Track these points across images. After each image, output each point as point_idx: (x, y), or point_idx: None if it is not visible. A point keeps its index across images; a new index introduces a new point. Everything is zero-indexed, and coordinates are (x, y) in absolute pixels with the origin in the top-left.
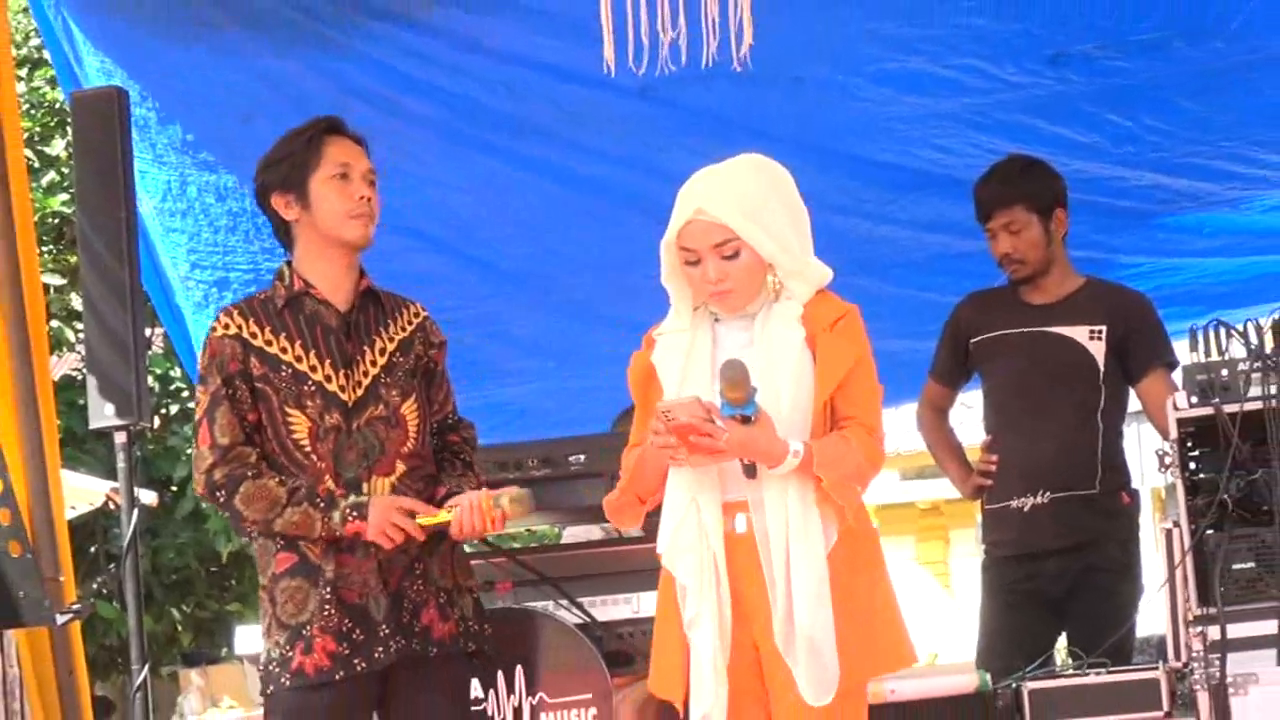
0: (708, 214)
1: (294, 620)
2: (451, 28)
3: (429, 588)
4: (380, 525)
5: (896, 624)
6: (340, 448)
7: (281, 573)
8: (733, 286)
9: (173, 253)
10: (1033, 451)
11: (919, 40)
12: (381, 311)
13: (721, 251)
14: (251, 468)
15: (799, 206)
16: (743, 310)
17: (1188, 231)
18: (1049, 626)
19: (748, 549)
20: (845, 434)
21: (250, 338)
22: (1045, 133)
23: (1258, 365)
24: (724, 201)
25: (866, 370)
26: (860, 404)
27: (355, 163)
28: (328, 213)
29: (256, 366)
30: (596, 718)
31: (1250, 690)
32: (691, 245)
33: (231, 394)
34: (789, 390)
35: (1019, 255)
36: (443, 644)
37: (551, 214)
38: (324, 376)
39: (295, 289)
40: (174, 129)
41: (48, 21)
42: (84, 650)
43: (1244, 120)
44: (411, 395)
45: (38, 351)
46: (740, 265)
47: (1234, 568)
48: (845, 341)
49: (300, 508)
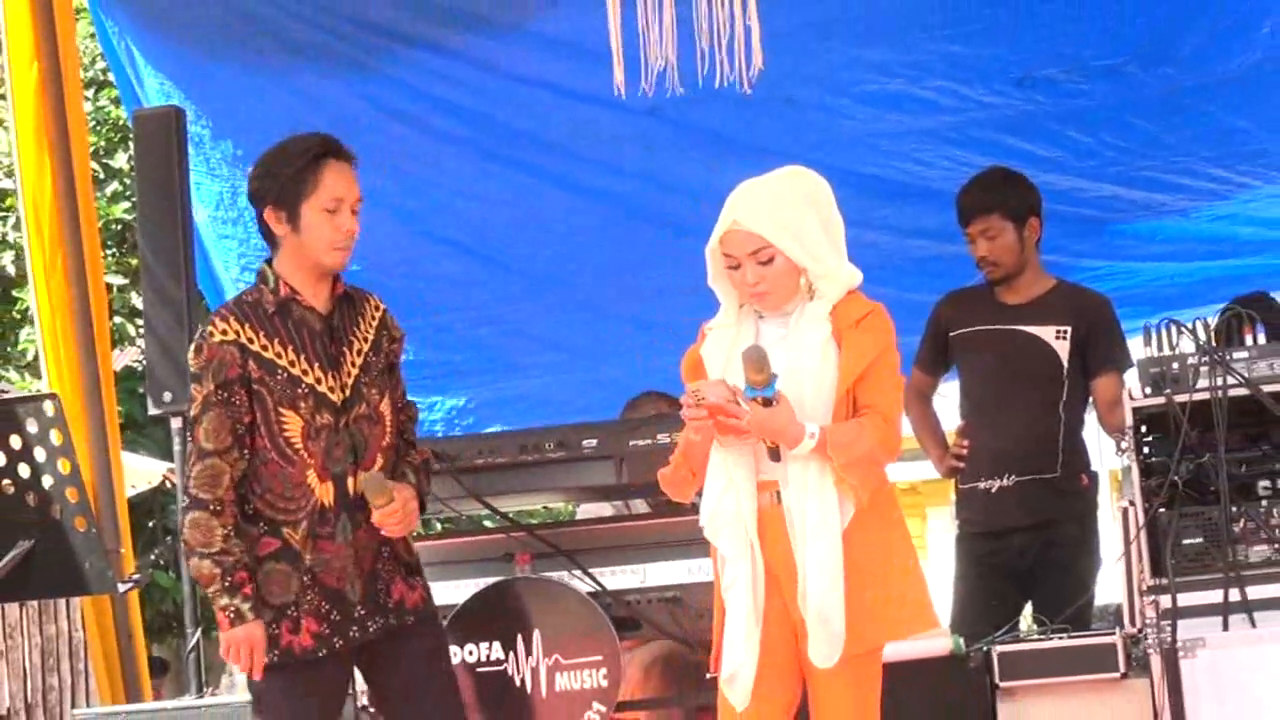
0: (743, 225)
1: (279, 600)
2: (476, 54)
3: (395, 564)
4: (232, 644)
5: (915, 591)
6: (330, 445)
7: (264, 556)
8: (768, 289)
9: (225, 257)
10: (1000, 438)
11: (899, 65)
12: (353, 310)
13: (758, 258)
14: (215, 501)
15: (833, 215)
16: (781, 309)
17: (1142, 238)
18: (1015, 595)
19: (778, 523)
20: (861, 421)
21: (248, 343)
22: (1014, 148)
23: (1205, 360)
24: (759, 212)
25: (888, 364)
26: (879, 394)
27: (346, 195)
28: (314, 240)
29: (254, 370)
30: (607, 677)
31: (1199, 653)
32: (731, 252)
33: (225, 399)
34: (812, 379)
35: (994, 258)
36: (416, 610)
37: (567, 222)
38: (315, 379)
39: (283, 295)
40: (225, 144)
41: (112, 46)
42: (142, 615)
43: (1194, 138)
44: (386, 392)
45: (100, 345)
46: (775, 270)
47: (1184, 543)
48: (868, 337)
49: (214, 569)
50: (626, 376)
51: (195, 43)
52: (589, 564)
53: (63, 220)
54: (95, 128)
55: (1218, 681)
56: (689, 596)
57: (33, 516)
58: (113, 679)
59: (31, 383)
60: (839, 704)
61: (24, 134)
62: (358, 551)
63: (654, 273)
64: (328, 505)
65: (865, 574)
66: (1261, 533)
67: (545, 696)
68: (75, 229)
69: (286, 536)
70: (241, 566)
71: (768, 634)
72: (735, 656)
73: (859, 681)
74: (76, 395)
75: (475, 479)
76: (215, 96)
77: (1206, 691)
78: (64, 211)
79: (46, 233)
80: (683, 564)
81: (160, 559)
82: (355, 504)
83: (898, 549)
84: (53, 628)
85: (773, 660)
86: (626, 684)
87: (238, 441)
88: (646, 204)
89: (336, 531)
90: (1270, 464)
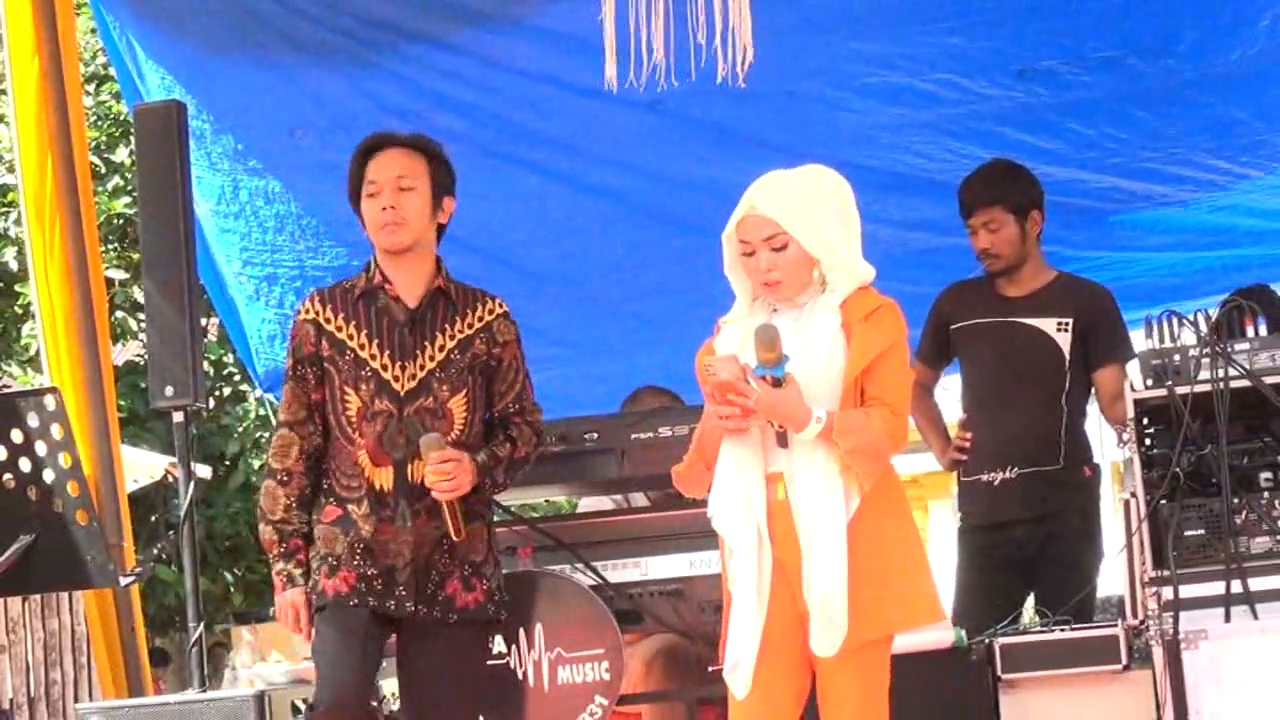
0: (759, 210)
1: (326, 551)
2: (479, 49)
3: (454, 561)
4: (281, 606)
5: (920, 583)
6: (390, 432)
7: (327, 522)
8: (781, 277)
9: (227, 251)
10: (1002, 431)
11: (900, 58)
12: (451, 309)
13: (771, 244)
14: (284, 471)
15: (851, 213)
16: (793, 301)
17: (1142, 229)
18: (1017, 587)
19: (785, 515)
20: (868, 410)
21: (325, 323)
22: (1013, 140)
23: (1206, 351)
24: (775, 199)
25: (897, 357)
26: (887, 387)
27: (383, 174)
28: (368, 226)
29: (326, 348)
30: (609, 670)
31: (1200, 645)
32: (746, 238)
33: (298, 375)
34: (820, 370)
35: (995, 250)
36: (465, 611)
37: (568, 218)
38: (381, 365)
39: (374, 283)
40: (226, 139)
41: (113, 41)
42: (145, 609)
43: (1193, 129)
44: (462, 391)
45: (101, 339)
46: (788, 258)
47: (1185, 534)
48: (878, 330)
49: (273, 535)
50: (627, 372)
51: (197, 37)
52: (591, 557)
53: (64, 215)
54: (96, 122)
55: (1220, 673)
56: (690, 590)
57: (34, 510)
58: (115, 673)
59: (33, 377)
60: (846, 694)
61: (25, 129)
62: (416, 539)
63: (655, 268)
64: (386, 490)
65: (870, 565)
66: (1263, 524)
67: (547, 690)
68: (76, 224)
69: (350, 510)
70: (299, 535)
71: (776, 625)
72: (737, 646)
73: (866, 672)
74: (78, 389)
75: None
76: (217, 91)
77: (1209, 683)
78: (65, 206)
79: (48, 227)
80: (684, 557)
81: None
82: (415, 492)
83: (904, 541)
84: (55, 622)
85: (781, 650)
86: (628, 677)
87: (310, 415)
88: (648, 199)
89: (396, 516)
90: (1272, 455)
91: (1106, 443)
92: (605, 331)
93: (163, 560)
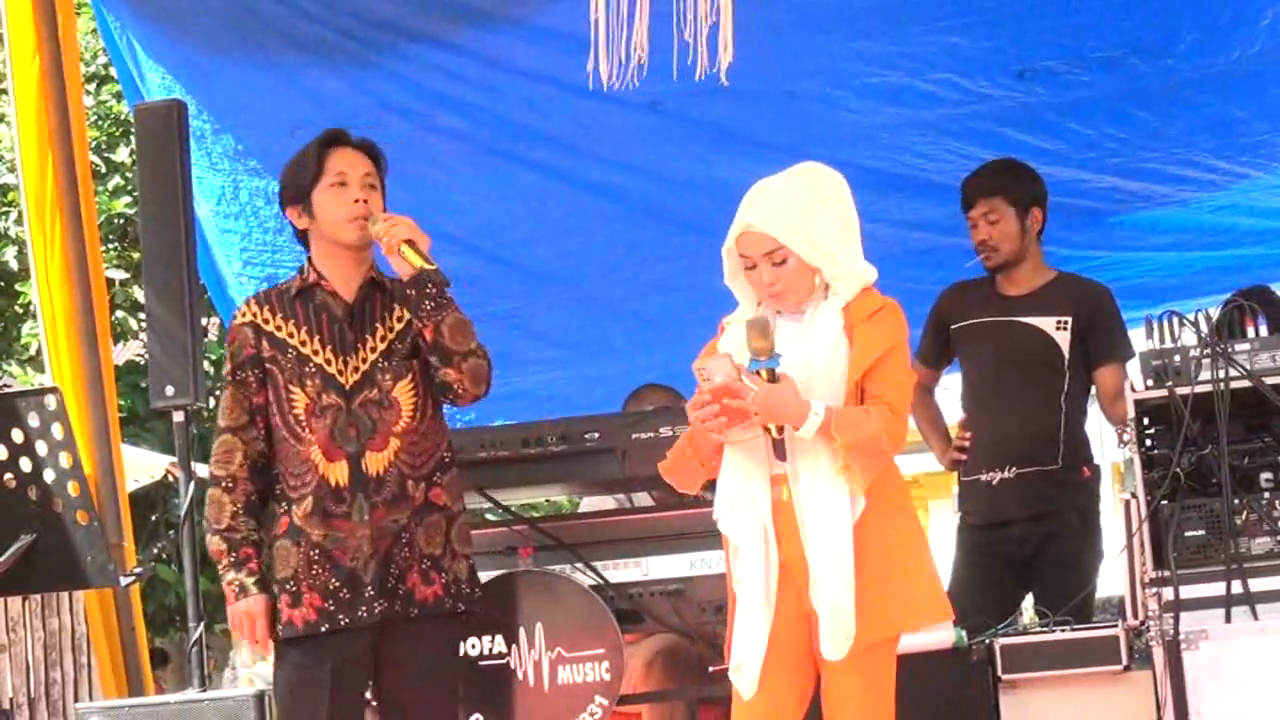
0: (755, 227)
1: (281, 574)
2: (478, 49)
3: (414, 554)
4: (235, 617)
5: (926, 582)
6: (340, 425)
7: (278, 534)
8: (785, 288)
9: (227, 251)
10: (1001, 430)
11: (900, 57)
12: (387, 298)
13: (772, 259)
14: (229, 478)
15: (847, 213)
16: (798, 307)
17: (1142, 229)
18: (1015, 585)
19: (790, 516)
20: (868, 408)
21: (263, 324)
22: (1014, 140)
23: (1207, 352)
24: (770, 214)
25: (898, 357)
26: (888, 387)
27: (352, 169)
28: (328, 219)
29: (267, 349)
30: (609, 670)
31: (1201, 645)
32: (746, 253)
33: (239, 379)
34: (823, 370)
35: (994, 243)
36: (425, 605)
37: (569, 218)
38: (324, 360)
39: (309, 281)
40: (227, 139)
41: (114, 41)
42: (146, 609)
43: (1194, 129)
44: (407, 376)
45: (101, 339)
46: (789, 270)
47: (1186, 535)
48: (879, 331)
49: (221, 545)
50: (628, 372)
51: (197, 37)
52: (591, 557)
53: (64, 214)
54: (97, 122)
55: (1220, 674)
56: (691, 590)
57: (34, 510)
58: (116, 673)
59: (34, 376)
60: (851, 696)
61: (25, 128)
62: (374, 533)
63: (655, 268)
64: (342, 484)
65: (875, 566)
66: (1264, 525)
67: (547, 690)
68: (77, 223)
69: (293, 513)
70: (248, 543)
71: (781, 625)
72: (743, 646)
73: (871, 673)
74: (78, 389)
75: (478, 472)
76: (217, 91)
77: (1209, 684)
78: (65, 206)
79: (48, 227)
80: (685, 557)
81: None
82: (370, 485)
83: (908, 541)
84: (55, 621)
85: (786, 651)
86: (629, 677)
87: (252, 420)
88: (648, 198)
89: (353, 511)
90: (1272, 456)
91: (1106, 443)
92: (605, 332)
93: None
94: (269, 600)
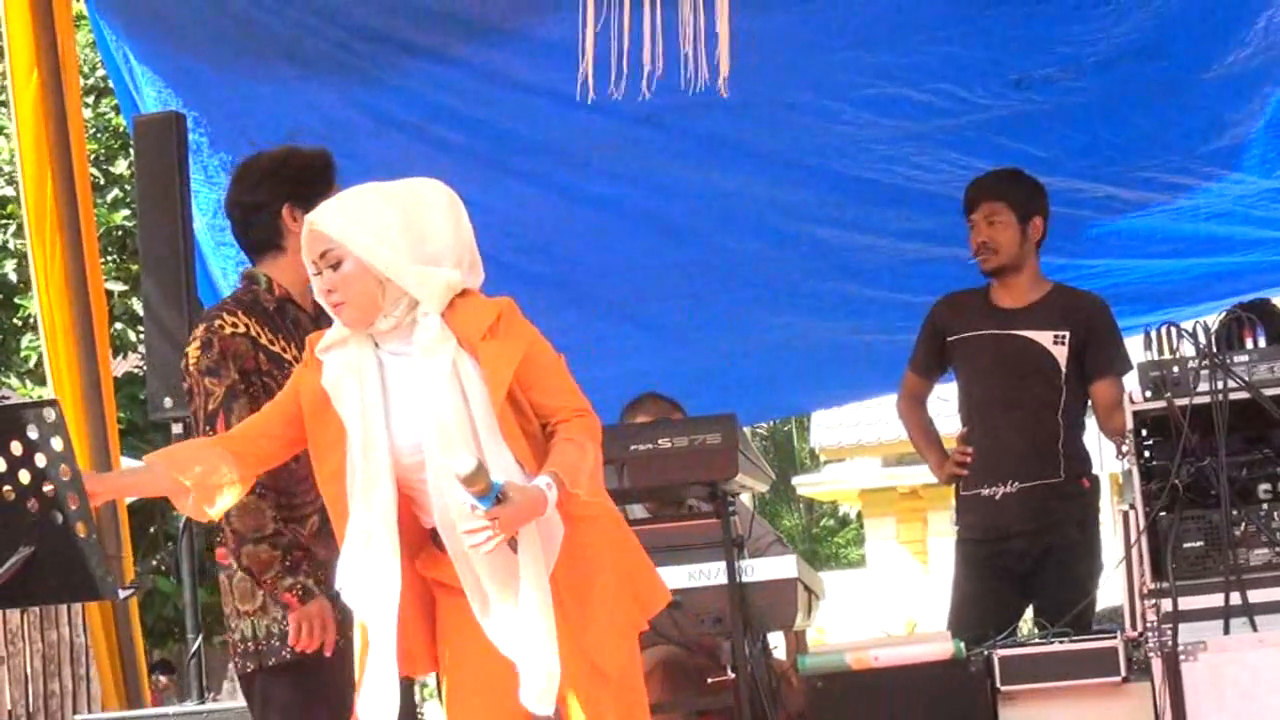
0: (315, 226)
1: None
2: (477, 62)
3: None
4: (304, 620)
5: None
6: None
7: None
8: (342, 298)
9: (223, 264)
10: (1001, 444)
11: (896, 68)
12: None
13: (327, 260)
14: (260, 486)
15: (429, 215)
16: (366, 325)
17: (1139, 236)
18: (1015, 598)
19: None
20: (569, 434)
21: (256, 337)
22: (1010, 149)
23: (1205, 363)
24: (329, 211)
25: (541, 354)
26: (554, 392)
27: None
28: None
29: (264, 364)
30: None
31: (1200, 657)
32: (309, 257)
33: (249, 389)
34: (454, 405)
35: (993, 245)
36: None
37: (564, 227)
38: None
39: (279, 294)
40: (223, 152)
41: (111, 54)
42: (145, 621)
43: (1189, 134)
44: None
45: (100, 351)
46: (347, 275)
47: (1184, 546)
48: (508, 342)
49: (272, 552)
50: (624, 378)
51: (194, 51)
52: None
53: (64, 227)
54: (95, 134)
55: (1219, 685)
56: (690, 601)
57: (34, 523)
58: (118, 685)
59: (34, 389)
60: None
61: (25, 141)
62: None
63: (650, 277)
64: None
65: (574, 602)
66: (1262, 536)
67: None
68: (76, 236)
69: (295, 533)
70: (297, 546)
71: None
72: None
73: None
74: (77, 401)
75: None
76: (213, 105)
77: (1208, 695)
78: (65, 218)
79: (48, 239)
80: (683, 569)
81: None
82: None
83: (599, 562)
84: (54, 634)
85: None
86: None
87: None
88: (643, 209)
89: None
90: (1271, 467)
91: (1105, 454)
92: (601, 337)
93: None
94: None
